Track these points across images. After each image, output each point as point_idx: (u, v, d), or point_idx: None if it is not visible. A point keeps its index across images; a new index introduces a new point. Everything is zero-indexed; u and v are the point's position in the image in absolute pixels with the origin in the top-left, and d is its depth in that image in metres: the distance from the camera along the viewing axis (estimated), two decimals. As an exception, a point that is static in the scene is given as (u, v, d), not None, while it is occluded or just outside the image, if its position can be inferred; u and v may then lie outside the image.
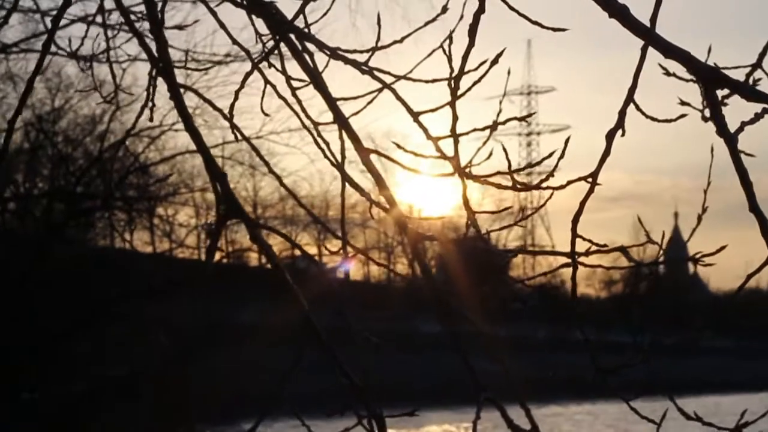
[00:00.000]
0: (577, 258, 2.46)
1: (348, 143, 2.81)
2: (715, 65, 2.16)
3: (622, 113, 2.29)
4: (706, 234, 2.82)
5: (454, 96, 2.44)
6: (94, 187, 22.37)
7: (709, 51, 2.40)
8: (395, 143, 2.63)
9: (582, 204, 2.40)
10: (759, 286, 65.78)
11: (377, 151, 2.68)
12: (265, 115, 3.20)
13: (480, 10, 2.36)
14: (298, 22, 2.85)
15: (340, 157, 2.88)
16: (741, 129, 2.14)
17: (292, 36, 2.80)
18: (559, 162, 2.44)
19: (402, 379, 31.81)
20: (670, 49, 1.97)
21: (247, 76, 3.01)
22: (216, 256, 2.78)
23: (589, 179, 2.38)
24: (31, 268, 18.68)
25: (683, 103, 2.67)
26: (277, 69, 3.00)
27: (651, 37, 1.99)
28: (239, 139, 3.30)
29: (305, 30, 2.84)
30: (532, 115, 2.79)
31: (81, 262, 21.40)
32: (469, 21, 2.51)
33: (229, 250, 31.97)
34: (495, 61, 2.44)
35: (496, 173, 2.47)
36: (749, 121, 2.19)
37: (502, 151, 2.63)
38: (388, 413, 2.60)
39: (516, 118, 2.59)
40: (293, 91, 2.97)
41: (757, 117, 2.24)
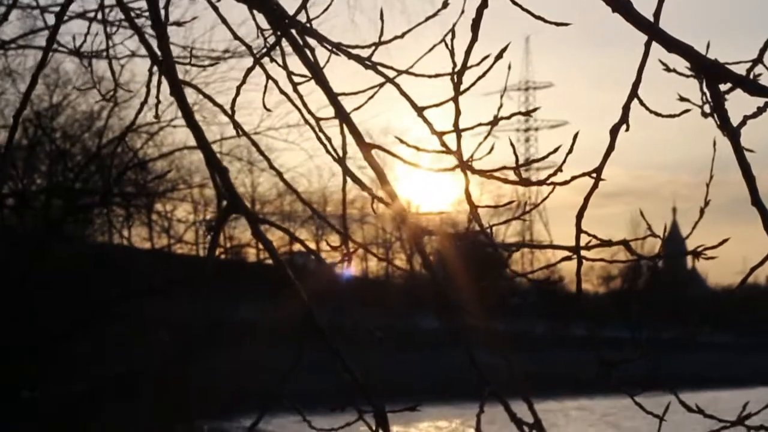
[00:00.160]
0: (580, 252, 2.46)
1: (348, 138, 2.80)
2: (716, 60, 2.16)
3: (626, 108, 2.28)
4: (704, 229, 2.82)
5: (456, 91, 2.43)
6: (92, 183, 22.37)
7: (707, 47, 2.40)
8: (398, 138, 2.62)
9: (586, 199, 2.40)
10: (758, 281, 65.88)
11: (380, 147, 2.67)
12: (267, 110, 3.20)
13: (483, 5, 2.35)
14: (299, 17, 2.85)
15: (341, 152, 2.87)
16: (743, 123, 2.14)
17: (294, 31, 2.79)
18: (567, 157, 2.43)
19: (401, 375, 31.80)
20: (674, 44, 1.97)
21: (249, 71, 3.00)
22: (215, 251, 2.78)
23: (593, 174, 2.37)
24: (30, 265, 18.67)
25: (683, 98, 2.67)
26: (278, 64, 3.00)
27: (655, 32, 1.99)
28: (239, 134, 3.30)
29: (307, 25, 2.84)
30: (536, 110, 2.79)
31: (79, 259, 21.39)
32: (469, 16, 2.50)
33: (228, 246, 31.96)
34: (499, 56, 2.44)
35: (502, 168, 2.47)
36: (752, 115, 2.19)
37: (503, 147, 2.64)
38: (389, 408, 2.60)
39: (520, 113, 2.59)
40: (294, 86, 2.97)
41: (760, 111, 2.24)
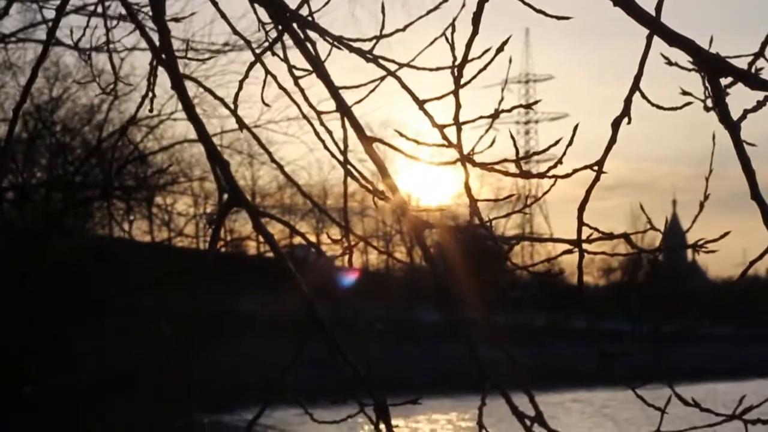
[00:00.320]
0: (582, 245, 2.46)
1: (349, 131, 2.80)
2: (717, 54, 2.16)
3: (628, 101, 2.28)
4: (705, 222, 2.82)
5: (457, 84, 2.43)
6: (92, 177, 22.37)
7: (711, 41, 2.40)
8: (398, 131, 2.62)
9: (588, 192, 2.40)
10: (758, 274, 65.89)
11: (381, 140, 2.67)
12: (266, 106, 3.20)
13: (484, -2, 2.35)
14: (300, 10, 2.84)
15: (342, 146, 2.87)
16: (744, 117, 2.14)
17: (295, 25, 2.79)
18: (566, 150, 2.43)
19: (402, 367, 31.80)
20: (675, 38, 1.97)
21: (251, 66, 3.00)
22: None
23: (595, 167, 2.37)
24: (30, 258, 18.67)
25: (685, 92, 2.67)
26: (280, 58, 3.00)
27: (656, 26, 1.99)
28: (241, 128, 3.30)
29: (309, 19, 2.83)
30: (537, 102, 2.78)
31: (80, 253, 21.39)
32: (469, 9, 2.50)
33: (228, 239, 31.95)
34: (500, 50, 2.44)
35: (503, 161, 2.47)
36: (752, 109, 2.19)
37: (504, 139, 2.64)
38: (390, 401, 2.60)
39: (521, 106, 2.59)
40: (296, 80, 2.97)
41: (760, 105, 2.24)
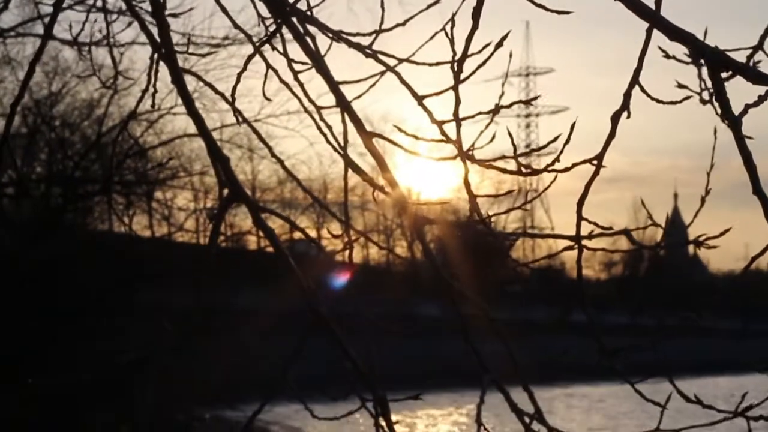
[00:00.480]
0: (581, 242, 2.45)
1: (349, 125, 2.79)
2: (717, 48, 2.15)
3: (628, 95, 2.28)
4: (706, 214, 2.81)
5: (457, 79, 2.42)
6: (92, 172, 22.34)
7: (705, 33, 2.40)
8: (397, 127, 2.61)
9: (587, 186, 2.39)
10: (759, 268, 65.89)
11: (381, 135, 2.67)
12: (266, 100, 3.19)
13: (485, -7, 2.34)
14: (299, 4, 2.84)
15: (342, 141, 2.86)
16: (745, 111, 2.13)
17: (294, 19, 2.78)
18: (564, 147, 2.42)
19: (402, 361, 31.81)
20: (675, 32, 1.96)
21: (249, 59, 2.99)
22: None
23: (594, 161, 2.37)
24: (30, 253, 18.65)
25: (681, 86, 2.67)
26: (279, 52, 2.99)
27: (656, 20, 1.98)
28: (240, 122, 3.29)
29: (308, 13, 2.83)
30: (537, 98, 2.78)
31: (80, 248, 21.38)
32: (468, 3, 2.49)
33: (229, 233, 31.95)
34: (499, 45, 2.43)
35: (501, 157, 2.47)
36: (753, 104, 2.19)
37: (504, 132, 2.62)
38: (389, 395, 2.59)
39: (521, 102, 2.58)
40: (295, 74, 2.96)
41: (761, 99, 2.23)
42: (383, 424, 2.53)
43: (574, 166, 2.44)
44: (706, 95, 2.64)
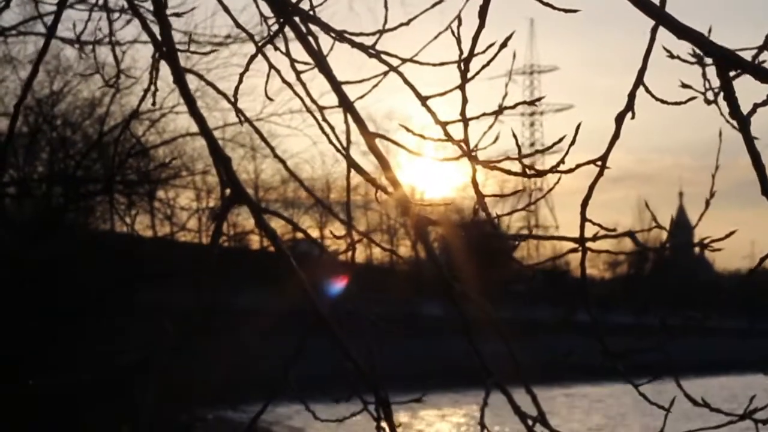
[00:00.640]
0: (585, 244, 2.43)
1: (352, 126, 2.77)
2: (726, 47, 2.13)
3: (632, 96, 2.26)
4: (712, 213, 2.79)
5: (463, 79, 2.40)
6: (94, 171, 22.32)
7: (709, 31, 2.38)
8: (404, 126, 2.59)
9: (591, 188, 2.37)
10: (766, 266, 65.66)
11: (383, 136, 2.65)
12: (269, 100, 3.17)
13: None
14: (302, 4, 2.82)
15: (344, 141, 2.85)
16: (754, 111, 2.11)
17: (297, 18, 2.76)
18: (569, 149, 2.40)
19: (403, 361, 31.80)
20: (683, 30, 1.94)
21: (252, 59, 2.97)
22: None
23: (599, 162, 2.35)
24: (32, 253, 18.64)
25: (685, 85, 2.65)
26: (281, 52, 2.97)
27: (663, 18, 1.96)
28: (242, 122, 3.27)
29: (310, 13, 2.81)
30: (541, 99, 2.76)
31: (81, 247, 21.37)
32: (472, 2, 2.47)
33: (231, 233, 31.93)
34: (504, 44, 2.41)
35: (506, 158, 2.44)
36: (762, 103, 2.16)
37: (509, 131, 2.61)
38: (391, 396, 2.57)
39: (525, 102, 2.56)
40: (298, 74, 2.94)
41: (771, 98, 2.21)
42: (385, 426, 2.51)
43: (578, 167, 2.42)
44: (710, 95, 2.62)
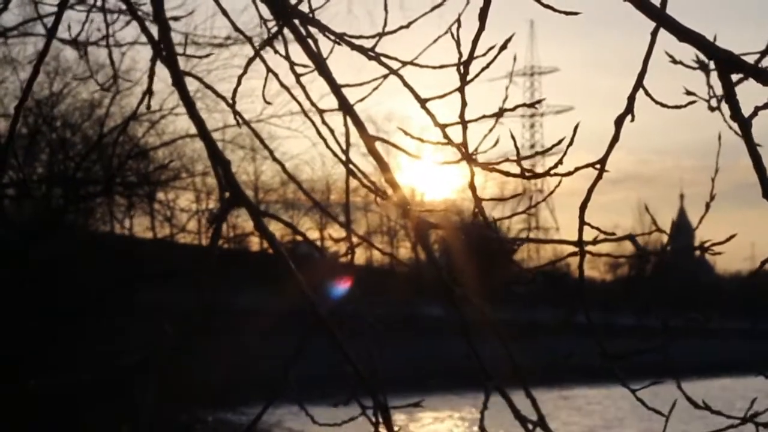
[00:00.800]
0: (584, 247, 2.42)
1: (351, 129, 2.76)
2: (728, 51, 2.12)
3: (632, 99, 2.25)
4: (712, 215, 2.79)
5: (463, 82, 2.39)
6: (93, 173, 22.32)
7: (714, 38, 2.37)
8: (402, 130, 2.58)
9: (590, 191, 2.36)
10: (766, 269, 65.56)
11: (383, 139, 2.64)
12: (267, 103, 3.16)
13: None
14: (301, 6, 2.81)
15: (344, 144, 2.83)
16: (755, 114, 2.10)
17: (296, 21, 2.75)
18: (567, 150, 2.39)
19: (403, 362, 31.80)
20: (684, 33, 1.93)
21: (250, 62, 2.96)
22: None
23: (597, 165, 2.33)
24: (31, 254, 18.63)
25: (689, 92, 2.64)
26: (281, 55, 2.96)
27: (664, 20, 1.95)
28: (240, 124, 3.27)
29: (310, 15, 2.80)
30: (541, 101, 2.74)
31: (81, 249, 21.36)
32: (473, 4, 2.46)
33: (231, 235, 31.91)
34: (504, 47, 2.40)
35: (505, 160, 2.43)
36: (763, 106, 2.16)
37: (508, 135, 2.60)
38: (391, 397, 2.56)
39: (525, 105, 2.55)
40: (297, 77, 2.93)
41: (773, 101, 2.20)
42: (383, 431, 2.50)
43: (577, 170, 2.41)
44: (714, 102, 2.62)
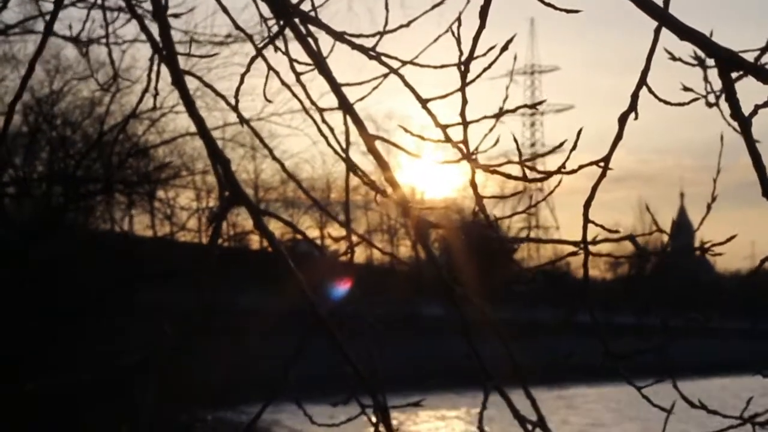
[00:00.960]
0: (588, 246, 2.42)
1: (351, 128, 2.76)
2: (728, 48, 2.12)
3: (635, 96, 2.24)
4: (712, 213, 2.78)
5: (463, 81, 2.38)
6: (93, 171, 22.30)
7: (711, 34, 2.37)
8: (403, 128, 2.58)
9: (594, 189, 2.35)
10: (766, 267, 65.48)
11: (383, 138, 2.63)
12: (268, 101, 3.15)
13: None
14: (302, 5, 2.80)
15: (344, 142, 2.83)
16: (755, 112, 2.09)
17: (297, 20, 2.74)
18: (571, 152, 2.38)
19: (403, 361, 31.81)
20: (685, 31, 1.92)
21: (252, 61, 2.96)
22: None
23: (601, 163, 2.33)
24: (31, 253, 18.62)
25: (687, 88, 2.64)
26: (282, 52, 2.95)
27: (666, 19, 1.94)
28: (242, 123, 3.26)
29: (311, 14, 2.79)
30: (542, 102, 2.73)
31: (81, 248, 21.35)
32: (473, 4, 2.46)
33: (231, 233, 31.91)
34: (505, 47, 2.39)
35: (507, 162, 2.42)
36: (763, 104, 2.15)
37: (509, 131, 2.59)
38: (390, 396, 2.56)
39: (526, 106, 2.54)
40: (297, 76, 2.92)
41: (773, 100, 2.20)
42: (383, 431, 2.50)
43: (581, 168, 2.40)
44: (712, 98, 2.62)
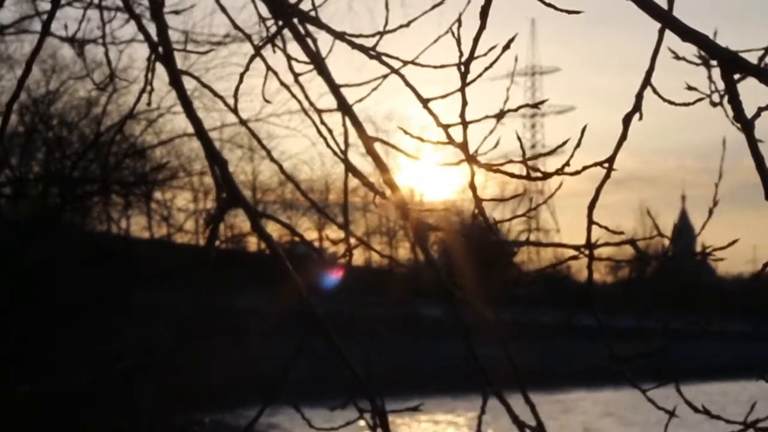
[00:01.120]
0: (593, 250, 2.40)
1: (350, 129, 2.74)
2: (731, 50, 2.10)
3: (640, 97, 2.23)
4: (714, 216, 2.77)
5: (463, 81, 2.36)
6: (90, 172, 22.27)
7: (714, 34, 2.35)
8: (402, 129, 2.56)
9: (598, 190, 2.34)
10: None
11: (381, 140, 2.62)
12: (266, 102, 3.14)
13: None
14: (302, 5, 2.78)
15: (342, 144, 2.81)
16: (758, 114, 2.08)
17: (296, 20, 2.73)
18: (574, 153, 2.37)
19: (403, 364, 31.79)
20: (688, 33, 1.91)
21: (251, 61, 2.94)
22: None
23: (606, 164, 2.31)
24: (27, 254, 18.60)
25: (691, 87, 2.63)
26: (281, 50, 2.93)
27: (669, 20, 1.93)
28: (242, 123, 3.25)
29: (310, 14, 2.77)
30: (544, 102, 2.72)
31: (77, 249, 21.33)
32: (473, 4, 2.44)
33: (228, 235, 31.88)
34: (506, 47, 2.37)
35: (508, 161, 2.41)
36: (766, 106, 2.14)
37: (510, 132, 2.59)
38: (389, 398, 2.54)
39: (528, 105, 2.52)
40: (296, 77, 2.91)
41: (775, 102, 2.18)
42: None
43: (585, 169, 2.38)
44: (716, 97, 2.60)
